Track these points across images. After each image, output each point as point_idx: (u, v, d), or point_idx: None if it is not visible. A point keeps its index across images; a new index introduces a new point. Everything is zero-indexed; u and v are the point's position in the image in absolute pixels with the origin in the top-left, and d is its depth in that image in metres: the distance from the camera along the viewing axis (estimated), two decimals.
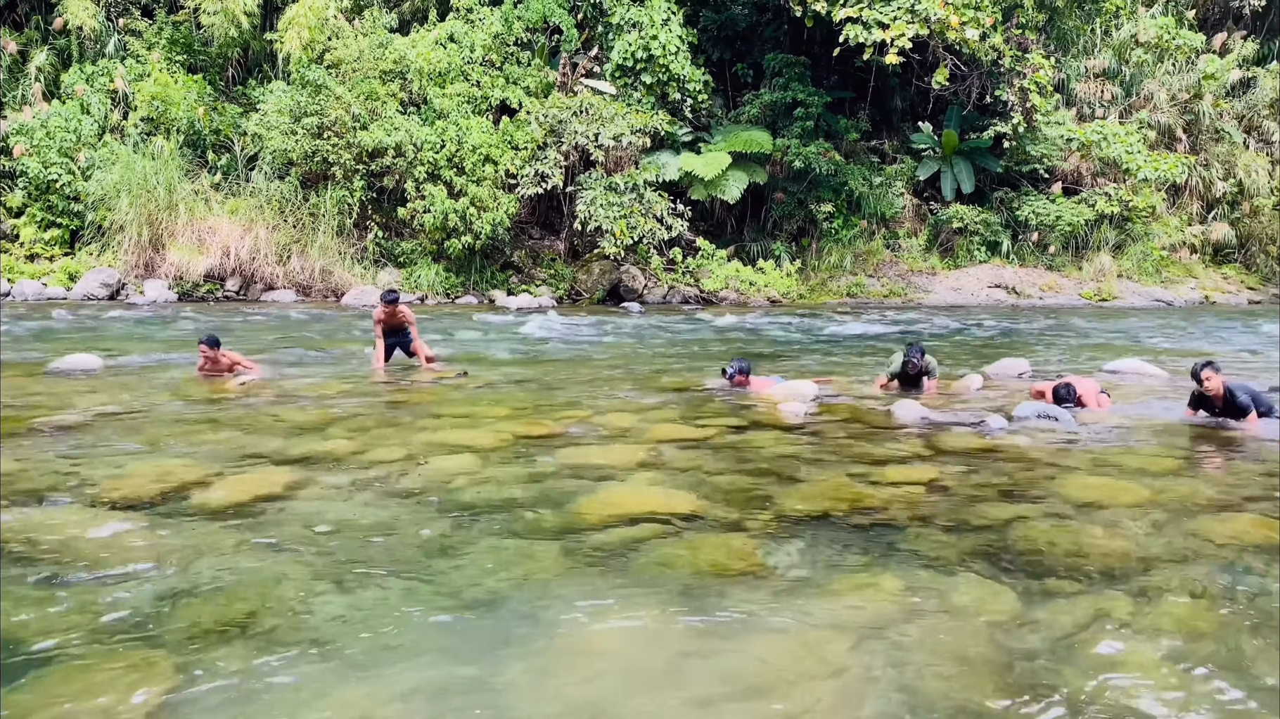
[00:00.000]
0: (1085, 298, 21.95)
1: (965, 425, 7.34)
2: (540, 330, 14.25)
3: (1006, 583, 3.93)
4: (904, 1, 18.97)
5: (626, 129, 19.27)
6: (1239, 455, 6.51)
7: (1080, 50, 24.65)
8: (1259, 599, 3.79)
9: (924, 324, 16.39)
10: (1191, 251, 23.91)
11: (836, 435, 6.83)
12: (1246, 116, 25.11)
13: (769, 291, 20.60)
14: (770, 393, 8.28)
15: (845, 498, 5.12)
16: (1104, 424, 7.57)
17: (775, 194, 22.06)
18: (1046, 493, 5.35)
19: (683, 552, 4.23)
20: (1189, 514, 4.96)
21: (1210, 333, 15.83)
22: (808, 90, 21.76)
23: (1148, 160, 22.24)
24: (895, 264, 22.54)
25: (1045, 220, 22.39)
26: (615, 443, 6.35)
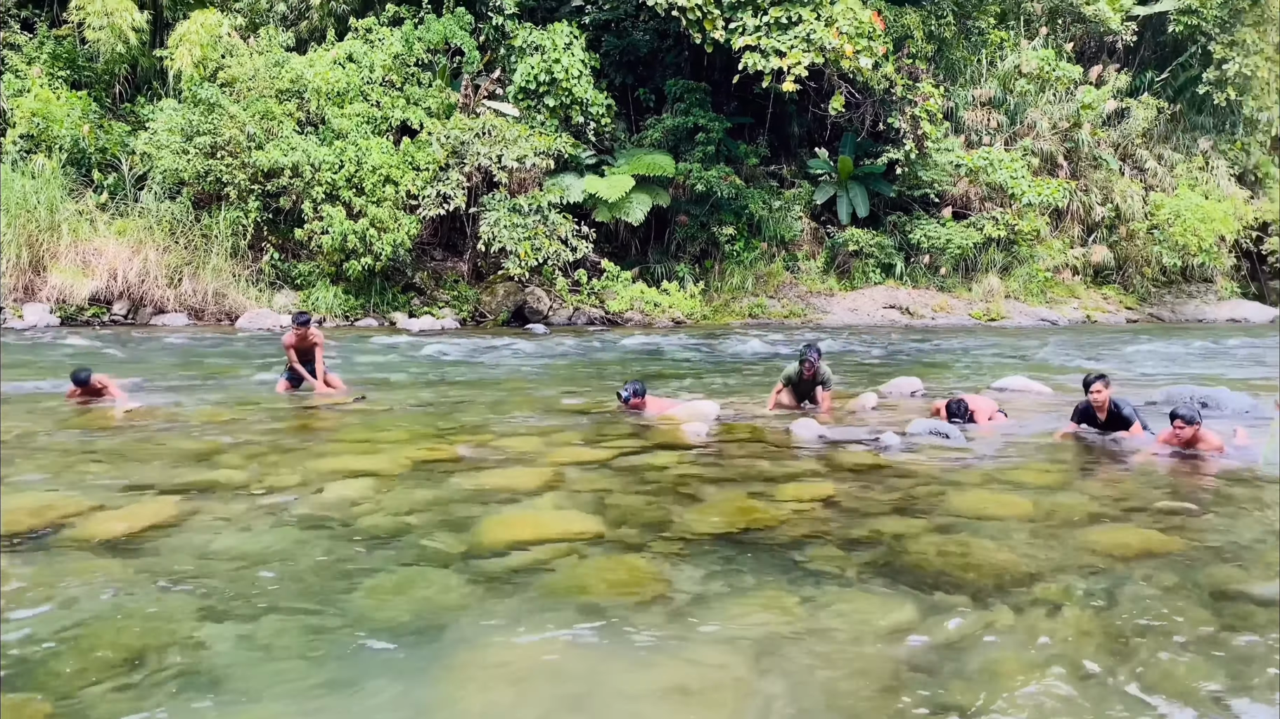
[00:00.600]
0: (975, 318, 22.75)
1: (861, 443, 7.52)
2: (442, 353, 14.09)
3: (900, 596, 4.04)
4: (800, 30, 19.48)
5: (530, 151, 19.27)
6: (1120, 468, 6.83)
7: (968, 80, 25.64)
8: (1141, 608, 3.97)
9: (823, 344, 16.75)
10: (1074, 273, 25.01)
11: (737, 455, 6.92)
12: (1121, 145, 26.44)
13: (673, 312, 20.79)
14: (672, 413, 8.35)
15: (745, 516, 5.19)
16: (992, 439, 7.85)
17: (678, 216, 22.32)
18: (937, 507, 5.52)
19: (585, 574, 4.23)
20: (1073, 526, 5.16)
21: (1091, 350, 16.57)
22: (709, 116, 22.11)
23: (1032, 186, 23.28)
24: (795, 285, 23.00)
25: (936, 243, 23.16)
26: (517, 466, 6.32)
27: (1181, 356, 15.65)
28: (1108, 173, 25.51)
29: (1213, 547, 4.81)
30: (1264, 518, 5.51)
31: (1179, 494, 5.99)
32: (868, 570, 4.37)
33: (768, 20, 19.66)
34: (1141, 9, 26.62)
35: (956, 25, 24.38)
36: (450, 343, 15.25)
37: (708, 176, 21.29)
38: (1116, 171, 25.68)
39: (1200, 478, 6.48)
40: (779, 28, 19.66)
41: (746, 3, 19.89)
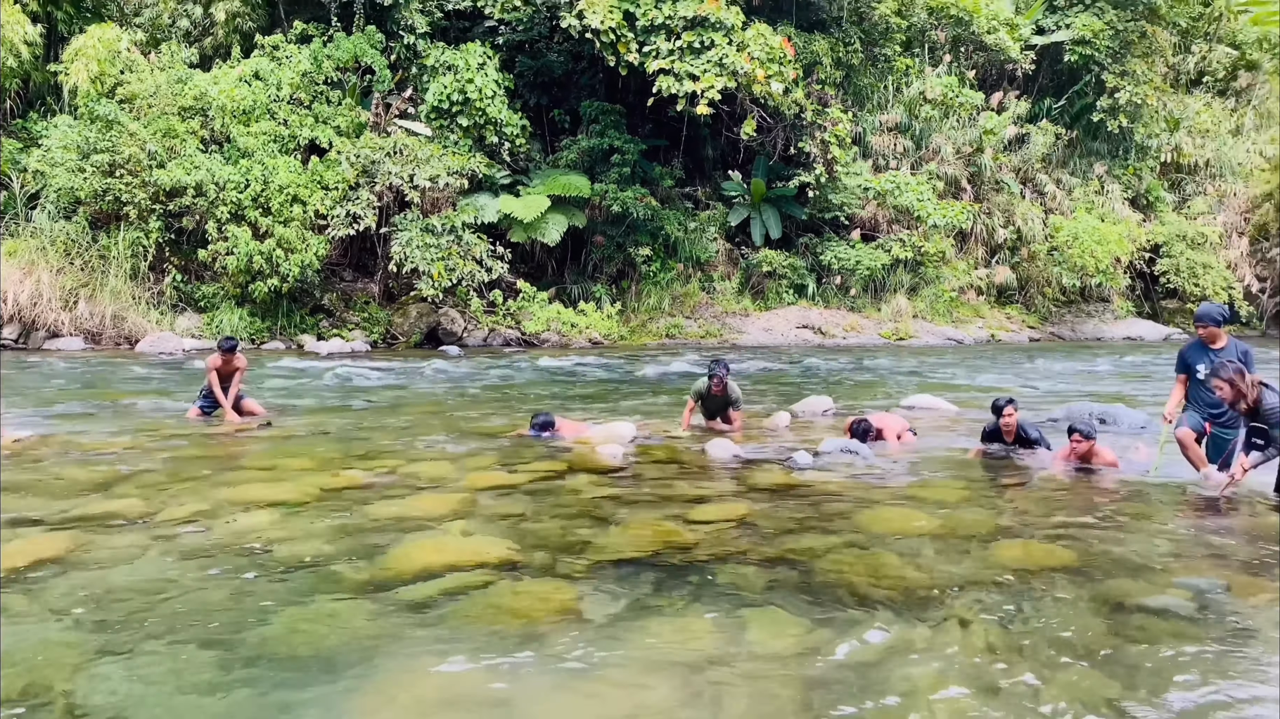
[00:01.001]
0: (884, 337, 23.27)
1: (774, 462, 7.60)
2: (352, 376, 13.83)
3: (814, 615, 4.08)
4: (713, 55, 19.77)
5: (443, 170, 19.11)
6: (1022, 485, 7.03)
7: (875, 106, 26.34)
8: (1044, 621, 4.08)
9: (739, 364, 16.92)
10: (978, 293, 25.78)
11: (653, 476, 6.93)
12: (1022, 169, 27.43)
13: (590, 333, 20.79)
14: (588, 436, 8.33)
15: (661, 539, 5.20)
16: (901, 457, 8.02)
17: (595, 237, 22.37)
18: (849, 525, 5.60)
19: (498, 601, 4.18)
20: (979, 541, 5.29)
21: (996, 368, 17.08)
22: (624, 138, 22.26)
23: (937, 209, 23.96)
24: (711, 306, 23.23)
25: (847, 264, 23.65)
26: (428, 492, 6.22)
27: (1081, 374, 16.24)
28: (1009, 196, 26.41)
29: (1109, 559, 4.98)
30: (1154, 529, 5.74)
31: (1077, 509, 6.20)
32: (782, 590, 4.41)
33: (681, 45, 19.92)
34: (1039, 39, 27.71)
35: (864, 53, 25.04)
36: (361, 366, 14.97)
37: (624, 198, 21.41)
38: (1018, 195, 26.61)
39: (1097, 493, 6.72)
40: (692, 52, 19.93)
41: (660, 27, 20.12)
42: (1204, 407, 6.96)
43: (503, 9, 21.39)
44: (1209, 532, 5.75)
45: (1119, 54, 26.59)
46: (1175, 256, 27.18)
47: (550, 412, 8.89)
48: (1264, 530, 5.69)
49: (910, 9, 26.27)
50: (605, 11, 19.73)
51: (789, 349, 20.94)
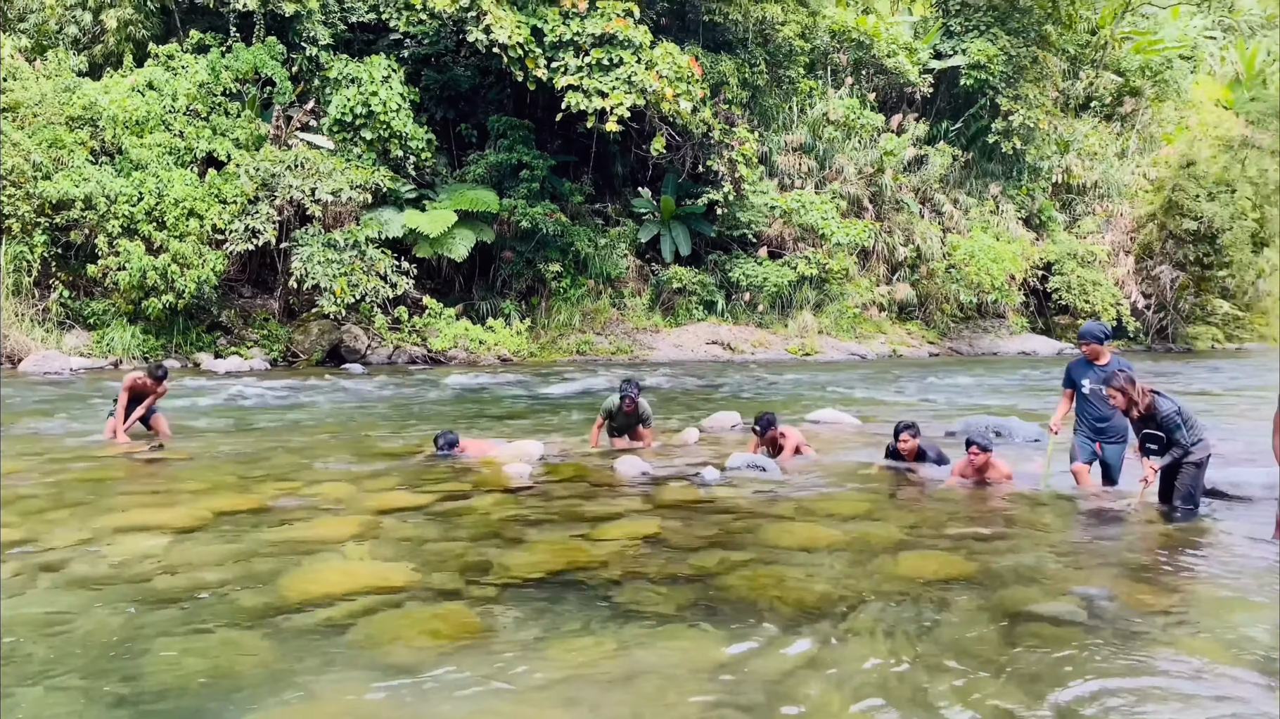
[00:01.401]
0: (791, 353, 23.64)
1: (682, 478, 7.64)
2: (250, 395, 13.43)
3: (720, 631, 4.10)
4: (622, 73, 19.89)
5: (346, 184, 18.76)
6: (923, 499, 7.20)
7: (780, 126, 26.82)
8: (945, 631, 4.17)
9: (649, 380, 16.98)
10: (880, 310, 26.41)
11: (561, 494, 6.89)
12: (921, 189, 28.23)
13: (499, 350, 20.62)
14: (494, 455, 8.24)
15: (568, 557, 5.16)
16: (806, 471, 8.14)
17: (504, 253, 22.22)
18: (755, 540, 5.66)
19: (399, 625, 4.09)
20: (881, 554, 5.40)
21: (897, 382, 17.50)
22: (532, 153, 22.19)
23: (840, 227, 24.52)
24: (621, 322, 23.28)
25: (754, 281, 23.99)
26: (328, 515, 6.06)
27: (977, 388, 16.76)
28: (909, 215, 27.16)
29: (1005, 569, 5.13)
30: (1047, 539, 5.94)
31: (975, 521, 6.38)
32: (689, 606, 4.42)
33: (589, 61, 19.99)
34: (937, 63, 28.61)
35: (769, 74, 25.49)
36: (259, 385, 14.55)
37: (533, 213, 21.33)
38: (917, 214, 27.38)
39: (992, 504, 6.93)
40: (601, 69, 20.01)
41: (568, 43, 20.16)
42: (1091, 421, 7.25)
43: (408, 22, 21.15)
44: (1098, 540, 5.98)
45: (1012, 79, 27.64)
46: (1066, 274, 28.28)
47: (455, 430, 8.77)
48: (1149, 538, 5.94)
49: (813, 32, 26.86)
50: (513, 27, 19.69)
51: (699, 365, 21.11)
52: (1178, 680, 3.65)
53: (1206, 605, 4.69)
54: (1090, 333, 7.25)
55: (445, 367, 19.19)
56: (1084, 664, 3.78)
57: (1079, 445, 7.28)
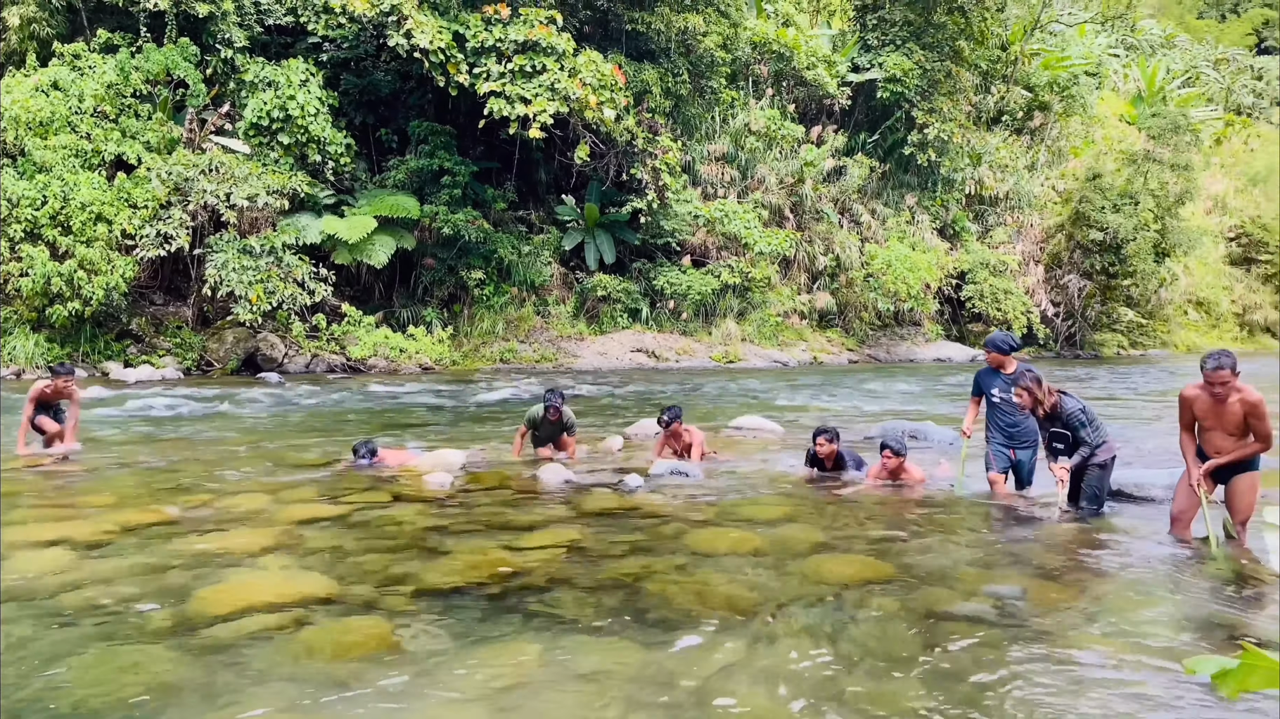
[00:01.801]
0: (715, 360, 23.84)
1: (606, 486, 7.64)
2: (162, 406, 13.02)
3: (642, 637, 4.10)
4: (545, 79, 19.84)
5: (262, 189, 18.35)
6: (841, 503, 7.32)
7: (703, 136, 27.07)
8: (864, 633, 4.24)
9: (573, 388, 16.95)
10: (801, 318, 26.80)
11: (483, 503, 6.83)
12: (840, 200, 28.75)
13: (420, 358, 20.36)
14: (415, 464, 8.13)
15: (488, 567, 5.12)
16: (730, 477, 8.21)
17: (425, 260, 21.96)
18: (678, 546, 5.68)
19: (315, 638, 4.00)
20: (801, 557, 5.47)
21: (817, 389, 17.77)
22: (454, 159, 21.99)
23: (762, 236, 24.84)
24: (546, 330, 23.19)
25: (678, 289, 24.14)
26: (242, 526, 5.91)
27: (895, 394, 17.11)
28: (829, 225, 27.63)
29: (921, 570, 5.24)
30: (961, 540, 6.08)
31: (891, 523, 6.50)
32: (611, 613, 4.41)
33: (512, 67, 19.90)
34: (855, 76, 29.19)
35: (691, 84, 25.71)
36: (172, 394, 14.12)
37: (455, 220, 21.13)
38: (836, 224, 27.87)
39: (909, 507, 7.07)
40: (524, 75, 19.94)
41: (490, 49, 20.05)
42: (1002, 427, 7.44)
43: (326, 26, 20.80)
44: (1009, 541, 6.14)
45: (927, 92, 28.34)
46: (979, 283, 29.07)
47: (374, 439, 8.64)
48: (1057, 538, 6.13)
49: (734, 43, 27.17)
50: (434, 32, 19.50)
51: (623, 373, 21.13)
52: (1086, 675, 3.78)
53: (1111, 601, 4.86)
54: (994, 342, 7.47)
55: (365, 375, 18.87)
56: (997, 662, 3.89)
57: (994, 454, 7.46)
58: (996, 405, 7.40)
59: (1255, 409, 5.65)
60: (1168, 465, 7.84)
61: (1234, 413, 5.69)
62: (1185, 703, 3.54)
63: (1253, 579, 5.26)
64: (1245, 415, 5.67)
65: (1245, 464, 5.80)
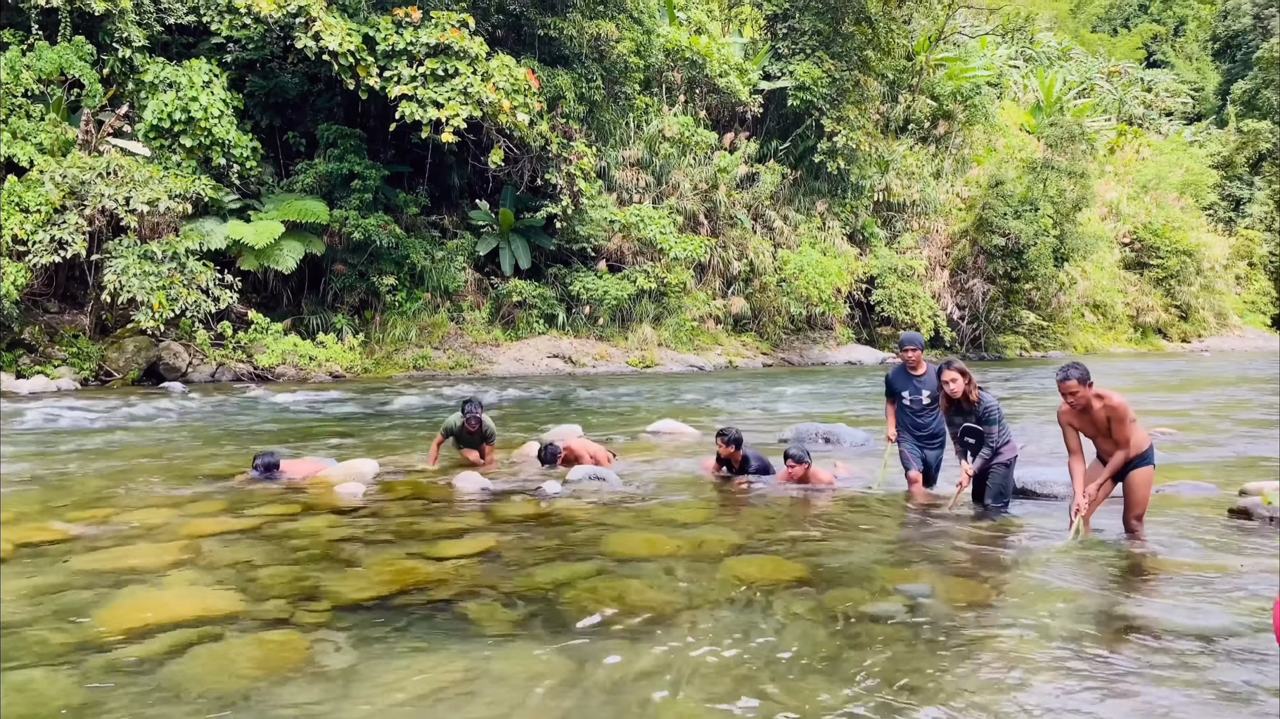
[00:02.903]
0: (632, 365, 23.91)
1: (523, 493, 7.60)
2: (58, 418, 12.49)
3: (561, 645, 4.09)
4: (457, 83, 19.64)
5: (164, 193, 17.76)
6: (757, 505, 7.41)
7: (618, 141, 27.14)
8: (781, 634, 4.30)
9: (490, 394, 16.81)
10: (716, 322, 27.08)
11: (396, 514, 6.73)
12: (753, 206, 29.14)
13: (331, 366, 19.94)
14: (326, 474, 7.96)
15: (403, 578, 5.04)
16: (647, 481, 8.24)
17: (335, 265, 21.53)
18: (596, 551, 5.68)
19: (223, 656, 3.89)
20: (718, 560, 5.52)
21: (733, 393, 17.96)
22: (365, 163, 21.62)
23: (678, 242, 25.02)
24: (460, 336, 22.94)
25: (595, 294, 24.15)
26: (144, 542, 5.70)
27: (808, 396, 17.39)
28: (742, 231, 27.98)
29: (836, 571, 5.34)
30: (874, 540, 6.22)
31: (805, 524, 6.61)
32: (529, 622, 4.39)
33: (424, 71, 19.65)
34: (766, 84, 29.61)
35: (605, 89, 25.74)
36: (68, 406, 13.56)
37: (365, 225, 20.78)
38: (750, 230, 28.24)
39: (821, 509, 7.20)
40: (435, 79, 19.72)
41: (401, 53, 19.77)
42: (914, 429, 7.62)
43: (230, 26, 20.26)
44: (920, 540, 6.30)
45: (836, 101, 28.90)
46: (888, 287, 29.78)
47: (279, 451, 8.42)
48: (965, 536, 6.30)
49: (648, 50, 27.32)
50: (343, 35, 19.15)
51: (540, 378, 21.04)
52: (996, 669, 3.89)
53: (1017, 596, 5.02)
54: (914, 340, 7.64)
55: (273, 384, 18.41)
56: (911, 659, 3.98)
57: (910, 454, 7.63)
58: (907, 408, 7.58)
59: (1115, 413, 5.89)
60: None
61: (1101, 419, 5.92)
62: (1095, 694, 3.67)
63: (1150, 571, 5.49)
64: (1108, 420, 5.89)
65: (1140, 460, 6.03)
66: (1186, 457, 10.04)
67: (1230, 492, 7.52)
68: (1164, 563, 5.58)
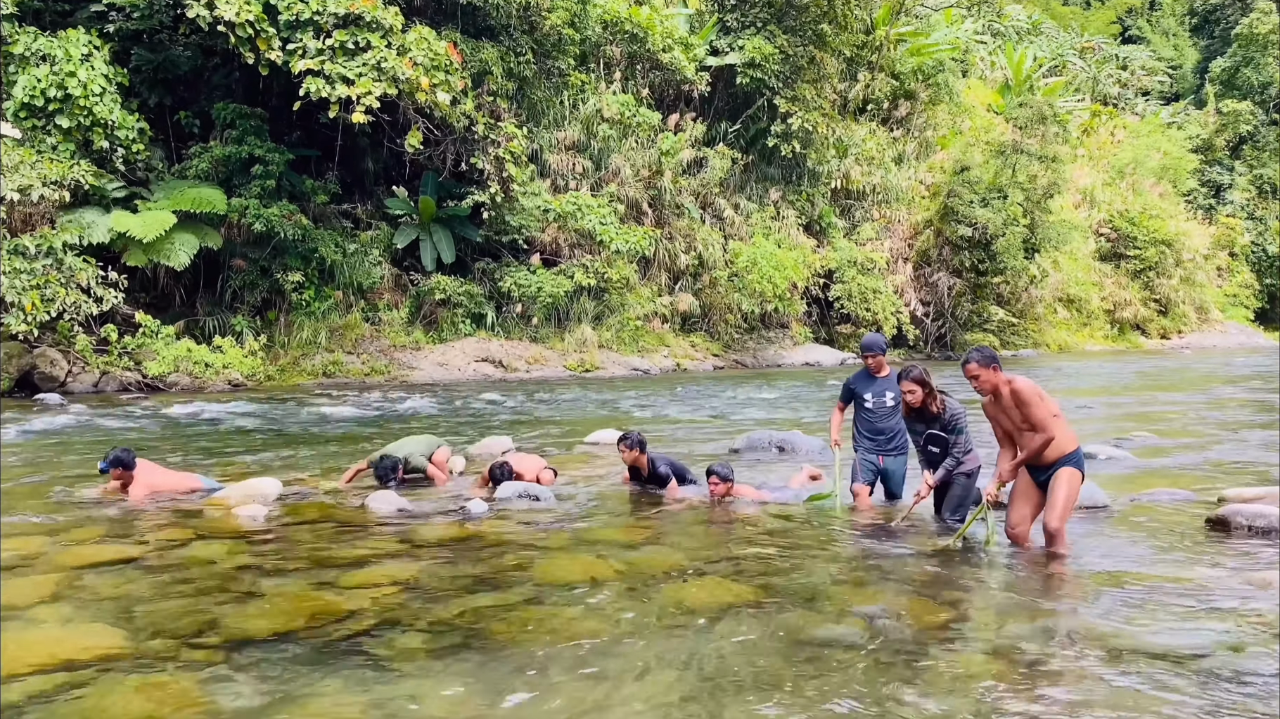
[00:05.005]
0: (570, 369, 23.92)
1: (446, 513, 7.57)
2: None
3: (487, 679, 4.09)
4: (370, 58, 19.48)
5: (37, 181, 17.37)
6: (701, 523, 7.48)
7: (551, 122, 27.11)
8: (727, 662, 4.34)
9: (409, 403, 16.68)
10: (663, 321, 27.20)
11: (303, 539, 6.67)
12: (701, 193, 29.35)
13: (230, 374, 19.64)
14: (222, 495, 7.85)
15: (311, 610, 5.00)
16: (584, 500, 8.26)
17: (234, 261, 21.22)
18: (527, 577, 5.69)
19: (104, 702, 3.83)
20: (658, 584, 5.56)
21: (681, 398, 18.05)
22: (267, 146, 21.34)
23: (619, 233, 25.08)
24: (377, 339, 22.75)
25: (527, 292, 24.11)
26: (13, 575, 5.58)
27: (762, 401, 17.56)
28: (690, 221, 28.14)
29: (787, 592, 5.41)
30: (827, 558, 6.32)
31: (753, 542, 6.69)
32: (452, 656, 4.39)
33: (332, 44, 19.46)
34: (714, 60, 29.83)
35: (536, 64, 25.72)
36: None
37: (268, 215, 20.50)
38: (698, 220, 28.41)
39: (770, 524, 7.28)
40: (345, 53, 19.53)
41: (307, 23, 19.55)
42: (873, 434, 7.76)
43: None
44: (877, 557, 6.40)
45: (789, 79, 29.20)
46: (848, 282, 30.18)
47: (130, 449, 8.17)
48: (923, 552, 6.42)
49: (583, 21, 27.35)
50: (241, 3, 18.88)
51: (467, 385, 20.94)
52: (963, 695, 3.97)
53: (980, 616, 5.13)
54: (877, 344, 7.82)
55: (165, 394, 18.08)
56: (868, 687, 4.04)
57: (860, 464, 7.78)
58: (870, 411, 7.71)
59: (1019, 396, 6.02)
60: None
61: (1011, 406, 6.09)
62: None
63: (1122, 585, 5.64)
64: (1019, 408, 6.06)
65: (1064, 460, 6.10)
66: (1164, 461, 10.34)
67: (1209, 498, 7.76)
68: (1137, 576, 5.75)
